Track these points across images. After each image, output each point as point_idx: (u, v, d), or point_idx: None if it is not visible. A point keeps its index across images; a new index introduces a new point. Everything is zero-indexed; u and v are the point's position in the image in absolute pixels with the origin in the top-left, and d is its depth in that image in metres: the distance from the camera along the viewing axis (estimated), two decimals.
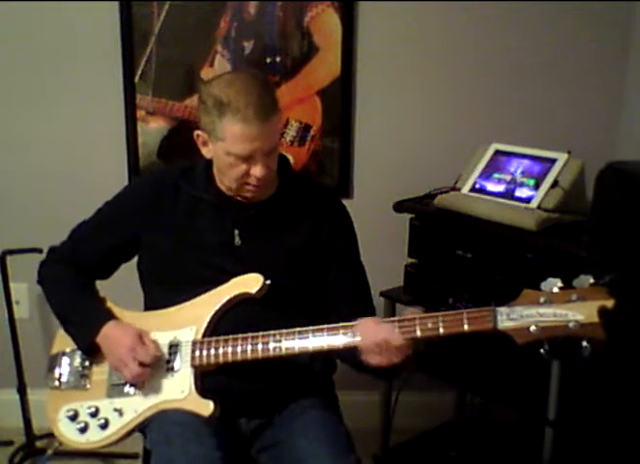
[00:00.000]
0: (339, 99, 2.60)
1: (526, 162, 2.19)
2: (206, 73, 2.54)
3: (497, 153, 2.27)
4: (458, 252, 2.19)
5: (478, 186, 2.24)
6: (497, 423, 2.64)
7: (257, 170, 1.67)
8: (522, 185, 2.16)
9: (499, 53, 2.61)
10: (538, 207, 2.08)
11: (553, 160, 2.14)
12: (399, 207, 2.31)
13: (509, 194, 2.16)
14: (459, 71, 2.62)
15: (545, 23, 2.57)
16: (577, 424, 1.82)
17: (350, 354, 1.61)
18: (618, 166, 1.56)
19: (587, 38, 2.59)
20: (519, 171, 2.19)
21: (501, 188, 2.19)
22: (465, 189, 2.25)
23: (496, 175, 2.22)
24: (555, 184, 2.10)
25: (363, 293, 1.86)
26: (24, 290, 2.70)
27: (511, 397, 2.16)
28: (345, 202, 1.91)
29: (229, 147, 1.65)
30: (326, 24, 2.54)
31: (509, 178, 2.20)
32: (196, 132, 1.74)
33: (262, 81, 1.70)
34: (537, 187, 2.12)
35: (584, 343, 1.41)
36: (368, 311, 1.76)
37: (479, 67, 2.62)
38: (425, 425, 2.69)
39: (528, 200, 2.11)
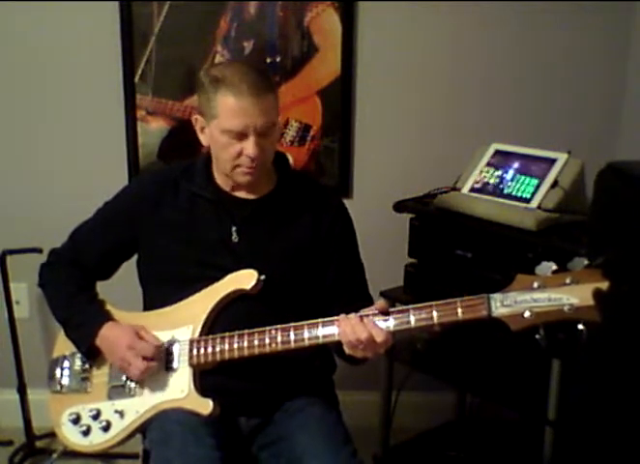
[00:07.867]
0: (339, 99, 2.60)
1: (526, 162, 2.19)
2: None
3: (497, 153, 2.27)
4: (458, 252, 2.19)
5: (477, 186, 2.24)
6: (497, 423, 2.64)
7: (250, 148, 1.67)
8: (522, 185, 2.16)
9: (499, 53, 2.61)
10: (538, 207, 2.08)
11: (553, 160, 2.14)
12: (399, 207, 2.31)
13: (508, 194, 2.16)
14: (459, 70, 2.62)
15: (545, 23, 2.57)
16: (577, 424, 1.81)
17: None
18: (618, 166, 1.57)
19: (587, 38, 2.59)
20: (519, 171, 2.19)
21: (501, 188, 2.19)
22: (465, 189, 2.25)
23: (496, 175, 2.22)
24: (555, 184, 2.10)
25: (361, 290, 1.86)
26: (24, 290, 2.70)
27: (511, 397, 2.15)
28: (345, 202, 1.91)
29: (223, 123, 1.66)
30: (326, 24, 2.54)
31: (509, 178, 2.20)
32: (194, 116, 1.76)
33: (259, 68, 1.75)
34: (537, 187, 2.12)
35: (580, 327, 1.40)
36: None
37: (478, 66, 2.62)
38: (425, 425, 2.69)
39: (528, 200, 2.11)
